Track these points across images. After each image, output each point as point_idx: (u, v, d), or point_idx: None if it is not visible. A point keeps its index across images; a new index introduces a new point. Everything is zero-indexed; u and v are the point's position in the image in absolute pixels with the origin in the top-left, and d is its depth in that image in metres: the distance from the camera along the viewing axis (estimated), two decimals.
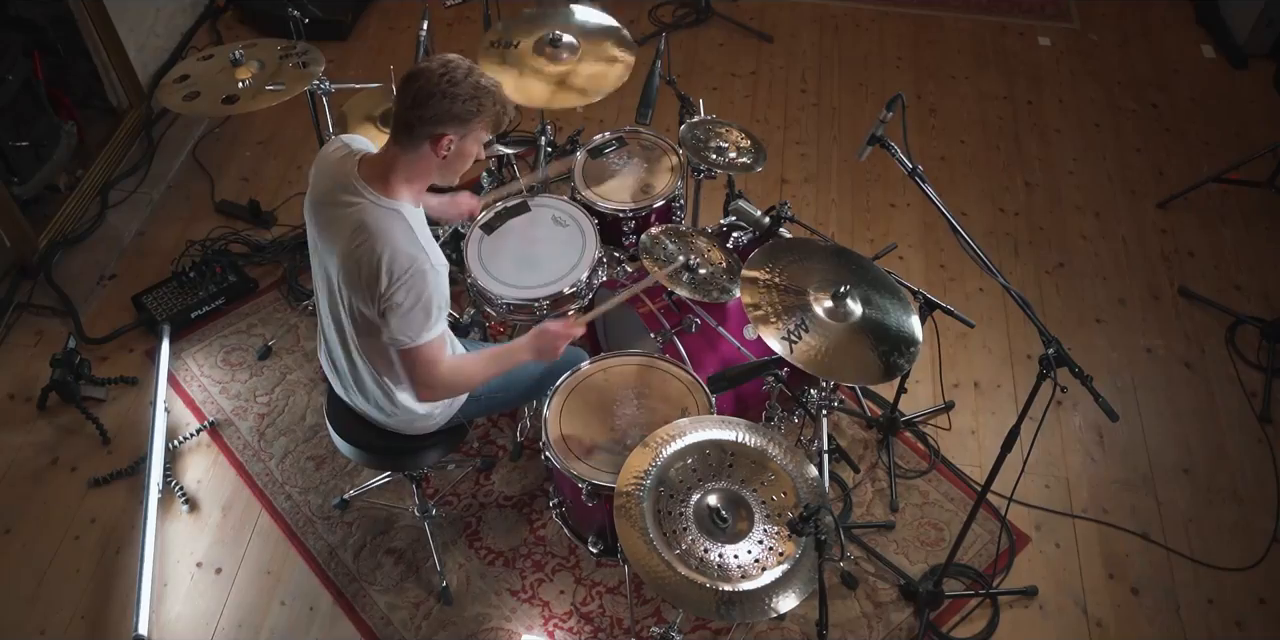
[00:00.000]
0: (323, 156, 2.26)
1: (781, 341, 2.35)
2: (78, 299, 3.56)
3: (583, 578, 2.92)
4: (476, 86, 2.07)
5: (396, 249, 2.08)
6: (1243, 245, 3.84)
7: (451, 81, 2.04)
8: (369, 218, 2.10)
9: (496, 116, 2.13)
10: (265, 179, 4.04)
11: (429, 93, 2.04)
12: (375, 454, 2.56)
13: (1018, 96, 4.44)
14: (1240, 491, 3.14)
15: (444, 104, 2.04)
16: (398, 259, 2.07)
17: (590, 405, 2.55)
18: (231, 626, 2.83)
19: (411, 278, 2.07)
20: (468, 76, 2.06)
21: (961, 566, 2.92)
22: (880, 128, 2.41)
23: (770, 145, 4.15)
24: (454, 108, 2.05)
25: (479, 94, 2.07)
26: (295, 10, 3.16)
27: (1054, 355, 2.15)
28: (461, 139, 2.11)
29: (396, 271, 2.07)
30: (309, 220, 2.27)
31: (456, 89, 2.04)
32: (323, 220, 2.21)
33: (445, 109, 2.05)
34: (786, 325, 2.38)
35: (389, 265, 2.07)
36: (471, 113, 2.07)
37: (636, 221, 3.05)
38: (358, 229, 2.10)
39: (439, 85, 2.04)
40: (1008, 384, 3.40)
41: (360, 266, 2.09)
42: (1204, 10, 4.79)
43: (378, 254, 2.07)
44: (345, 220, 2.13)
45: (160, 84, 3.19)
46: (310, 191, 2.26)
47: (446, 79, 2.04)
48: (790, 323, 2.39)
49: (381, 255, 2.07)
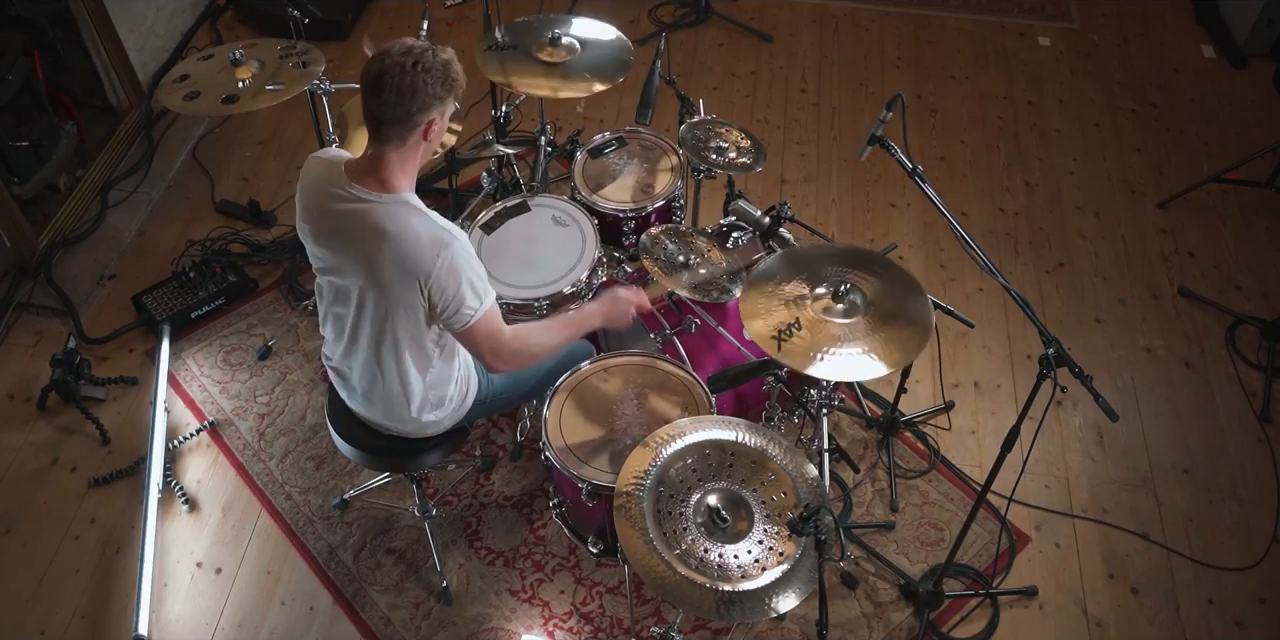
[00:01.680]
0: (305, 177, 2.24)
1: (771, 341, 2.35)
2: (78, 299, 3.56)
3: (583, 578, 2.92)
4: (445, 64, 2.08)
5: (421, 237, 2.09)
6: (1243, 245, 3.84)
7: (425, 68, 2.04)
8: (383, 220, 2.10)
9: (463, 84, 2.14)
10: (265, 179, 4.04)
11: (412, 87, 2.03)
12: (375, 454, 2.56)
13: (1018, 96, 4.44)
14: (1240, 491, 3.14)
15: (428, 90, 2.05)
16: (428, 247, 2.08)
17: (590, 405, 2.55)
18: (231, 626, 2.83)
19: (444, 260, 2.08)
20: (435, 57, 2.06)
21: (961, 566, 2.92)
22: (880, 128, 2.40)
23: (770, 145, 4.15)
24: (437, 91, 2.06)
25: (448, 70, 2.08)
26: (295, 10, 3.16)
27: (1054, 355, 2.15)
28: (443, 116, 2.14)
29: (427, 260, 2.08)
30: (310, 240, 2.25)
31: (430, 74, 2.04)
32: (328, 234, 2.19)
33: (432, 94, 2.06)
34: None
35: (420, 256, 2.08)
36: (448, 89, 2.09)
37: (636, 221, 3.06)
38: (377, 234, 2.10)
39: (417, 76, 2.03)
40: (1008, 384, 3.40)
41: (397, 267, 2.10)
42: (1204, 10, 4.79)
43: (407, 251, 2.08)
44: (357, 229, 2.12)
45: (160, 84, 3.18)
46: (303, 212, 2.24)
47: (419, 66, 2.03)
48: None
49: (412, 251, 2.08)
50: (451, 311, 2.15)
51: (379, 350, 2.29)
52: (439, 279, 2.10)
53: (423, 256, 2.09)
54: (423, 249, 2.09)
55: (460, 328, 2.19)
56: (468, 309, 2.15)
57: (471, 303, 2.15)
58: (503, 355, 2.26)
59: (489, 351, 2.24)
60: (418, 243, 2.09)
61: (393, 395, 2.36)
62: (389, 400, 2.38)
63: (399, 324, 2.22)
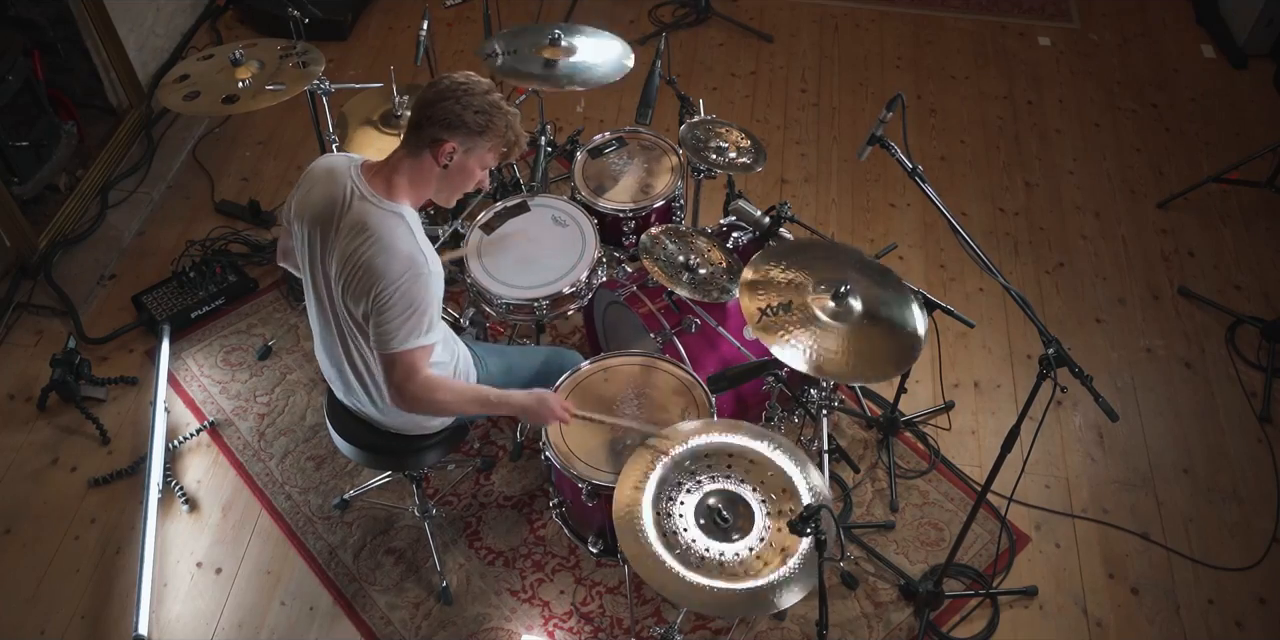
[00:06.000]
0: (316, 166, 2.24)
1: (755, 311, 2.37)
2: (78, 299, 3.56)
3: (583, 578, 2.92)
4: (492, 103, 2.08)
5: (396, 250, 2.07)
6: (1243, 245, 3.84)
7: (468, 92, 2.06)
8: (371, 219, 2.10)
9: (507, 142, 2.14)
10: (265, 179, 4.04)
11: (443, 96, 2.06)
12: (375, 454, 2.56)
13: (1018, 96, 4.44)
14: (1240, 491, 3.14)
15: (455, 109, 2.05)
16: (397, 260, 2.07)
17: (590, 405, 2.55)
18: (231, 626, 2.83)
19: (406, 281, 2.07)
20: (487, 93, 2.08)
21: (961, 566, 2.92)
22: (880, 128, 2.41)
23: (770, 145, 4.15)
24: (464, 115, 2.06)
25: (491, 110, 2.08)
26: (295, 10, 3.16)
27: (1054, 355, 2.15)
28: (465, 153, 2.11)
29: (393, 274, 2.06)
30: (299, 230, 2.22)
31: (471, 99, 2.06)
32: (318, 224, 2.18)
33: (455, 113, 2.05)
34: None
35: (386, 266, 2.06)
36: (480, 126, 2.08)
37: (636, 221, 3.06)
38: (359, 229, 2.09)
39: (455, 91, 2.06)
40: (1008, 384, 3.40)
41: (359, 266, 2.09)
42: (1204, 10, 4.79)
43: (377, 254, 2.07)
44: (345, 222, 2.12)
45: (160, 84, 3.18)
46: (300, 202, 2.22)
47: (464, 88, 2.07)
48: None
49: (380, 255, 2.07)
50: (381, 331, 2.10)
51: (352, 351, 2.29)
52: (389, 295, 2.06)
53: (390, 268, 2.06)
54: (394, 262, 2.06)
55: (381, 349, 2.14)
56: (399, 337, 2.09)
57: (403, 335, 2.09)
58: (406, 395, 2.18)
59: (395, 384, 2.17)
60: (392, 255, 2.06)
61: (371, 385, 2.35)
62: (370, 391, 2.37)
63: (350, 319, 2.20)
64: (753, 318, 2.39)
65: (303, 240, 2.23)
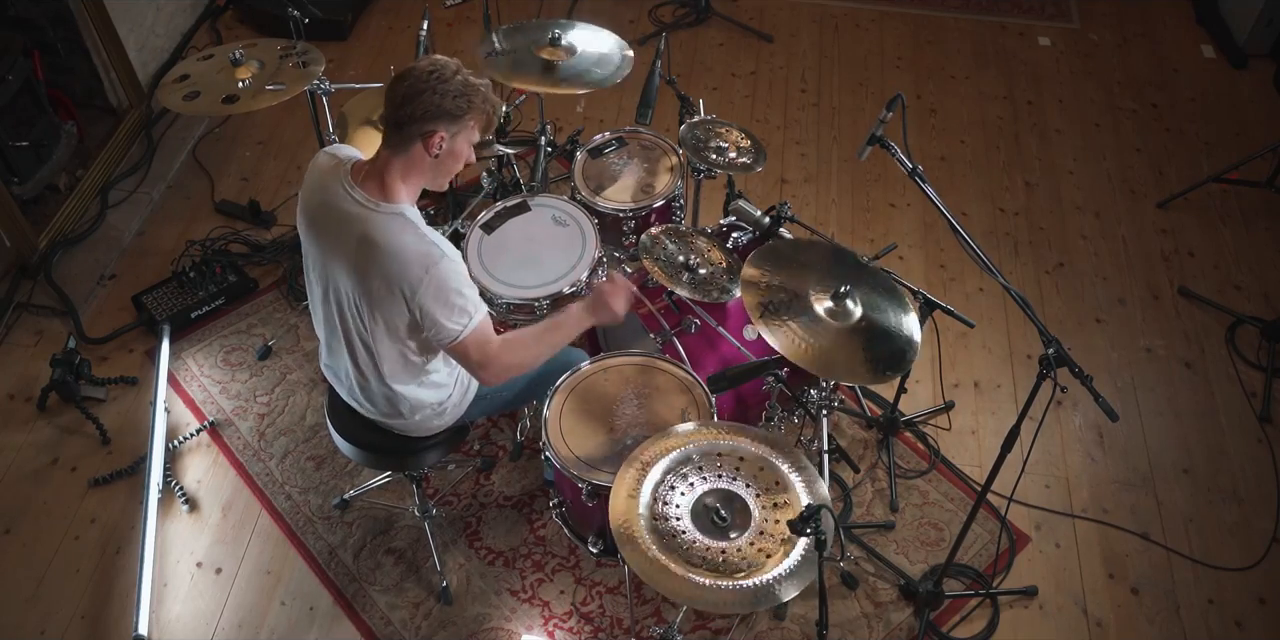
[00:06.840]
0: (312, 170, 2.25)
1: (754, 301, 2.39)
2: (78, 299, 3.56)
3: (583, 578, 2.92)
4: (466, 83, 2.07)
5: (407, 254, 2.08)
6: (1243, 245, 3.84)
7: (440, 79, 2.05)
8: (373, 230, 2.10)
9: (487, 115, 2.14)
10: (265, 179, 4.04)
11: (418, 90, 2.04)
12: (376, 454, 2.56)
13: (1018, 96, 4.44)
14: (1240, 491, 3.14)
15: (434, 100, 2.04)
16: (413, 263, 2.08)
17: (590, 405, 2.55)
18: (231, 626, 2.83)
19: (432, 276, 2.08)
20: (456, 74, 2.07)
21: (961, 566, 2.92)
22: (880, 128, 2.41)
23: (770, 145, 4.15)
24: (444, 103, 2.05)
25: (468, 91, 2.07)
26: (295, 10, 3.16)
27: (1054, 355, 2.15)
28: (453, 137, 2.11)
29: (414, 276, 2.08)
30: (305, 234, 2.25)
31: (446, 85, 2.05)
32: (322, 233, 2.20)
33: (436, 104, 2.05)
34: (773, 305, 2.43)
35: (403, 273, 2.08)
36: (462, 109, 2.08)
37: (636, 221, 3.06)
38: (365, 244, 2.10)
39: (428, 82, 2.04)
40: (1008, 384, 3.40)
41: (383, 281, 2.10)
42: (1204, 10, 4.79)
43: (391, 265, 2.08)
44: (348, 234, 2.12)
45: (160, 84, 3.18)
46: (303, 206, 2.25)
47: (435, 76, 2.05)
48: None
49: (395, 265, 2.08)
50: (437, 328, 2.14)
51: (360, 358, 2.30)
52: (424, 296, 2.09)
53: (409, 272, 2.08)
54: (410, 265, 2.08)
55: (446, 343, 2.17)
56: (454, 325, 2.14)
57: (458, 319, 2.13)
58: (491, 369, 2.23)
59: (477, 366, 2.22)
60: (406, 259, 2.08)
61: (381, 399, 2.37)
62: (380, 402, 2.38)
63: (379, 337, 2.23)
64: (754, 304, 2.39)
65: (308, 241, 2.25)
